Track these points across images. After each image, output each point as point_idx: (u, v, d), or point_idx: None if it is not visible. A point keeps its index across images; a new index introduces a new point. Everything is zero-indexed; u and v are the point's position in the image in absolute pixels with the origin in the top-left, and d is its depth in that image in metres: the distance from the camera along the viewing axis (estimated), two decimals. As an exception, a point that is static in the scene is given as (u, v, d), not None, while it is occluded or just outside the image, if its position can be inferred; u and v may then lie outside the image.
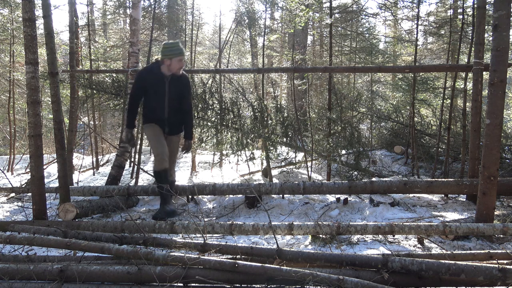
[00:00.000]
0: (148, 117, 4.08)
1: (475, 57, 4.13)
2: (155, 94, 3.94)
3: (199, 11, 15.01)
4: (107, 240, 2.94)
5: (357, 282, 2.05)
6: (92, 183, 7.14)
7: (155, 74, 3.90)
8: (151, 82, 3.91)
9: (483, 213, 3.26)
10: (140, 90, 3.95)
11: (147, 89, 3.94)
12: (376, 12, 12.63)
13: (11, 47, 10.18)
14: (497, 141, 3.18)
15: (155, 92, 3.93)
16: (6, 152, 12.65)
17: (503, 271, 2.07)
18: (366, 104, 8.71)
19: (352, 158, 6.39)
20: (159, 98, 3.97)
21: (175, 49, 3.81)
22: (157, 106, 4.00)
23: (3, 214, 4.79)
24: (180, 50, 3.83)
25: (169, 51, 3.81)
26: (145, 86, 3.92)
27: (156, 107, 4.00)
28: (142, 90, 3.95)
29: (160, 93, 3.94)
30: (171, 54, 3.80)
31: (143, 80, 3.92)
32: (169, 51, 3.81)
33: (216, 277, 2.27)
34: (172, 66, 3.85)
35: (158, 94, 3.95)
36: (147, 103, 4.05)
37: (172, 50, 3.80)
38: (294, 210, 4.49)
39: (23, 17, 3.97)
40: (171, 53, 3.80)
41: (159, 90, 3.93)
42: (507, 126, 8.13)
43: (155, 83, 3.91)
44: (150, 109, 4.04)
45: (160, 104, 3.99)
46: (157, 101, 3.98)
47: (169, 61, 3.82)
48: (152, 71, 3.92)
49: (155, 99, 3.97)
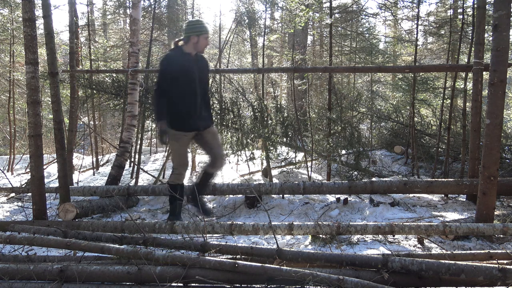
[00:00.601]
0: (178, 117, 3.59)
1: (475, 57, 4.12)
2: (186, 79, 3.57)
3: (199, 11, 15.00)
4: (107, 240, 2.94)
5: (357, 282, 2.05)
6: (92, 183, 7.14)
7: (183, 56, 3.57)
8: (182, 66, 3.55)
9: (483, 213, 3.26)
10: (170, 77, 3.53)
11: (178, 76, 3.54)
12: (376, 12, 12.62)
13: (11, 47, 10.18)
14: (497, 141, 3.18)
15: (186, 76, 3.57)
16: (6, 152, 12.65)
17: (503, 271, 2.07)
18: (366, 104, 8.71)
19: (352, 158, 6.39)
20: (190, 83, 3.59)
21: (202, 26, 3.58)
22: (189, 94, 3.60)
23: (3, 214, 4.79)
24: (206, 27, 3.63)
25: (197, 27, 3.56)
26: (176, 70, 3.52)
27: (187, 96, 3.60)
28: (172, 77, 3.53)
29: (191, 77, 3.59)
30: (198, 31, 3.55)
31: (173, 64, 3.53)
32: (197, 28, 3.56)
33: (216, 277, 2.27)
34: (200, 44, 3.59)
35: (190, 79, 3.59)
36: (176, 95, 3.56)
37: (200, 27, 3.57)
38: (294, 210, 4.49)
39: (23, 17, 3.97)
40: (199, 29, 3.55)
41: (189, 73, 3.59)
42: (507, 126, 8.13)
43: (186, 66, 3.56)
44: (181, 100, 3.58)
45: (192, 91, 3.60)
46: (189, 88, 3.59)
47: (197, 38, 3.55)
48: (178, 55, 3.58)
49: (187, 86, 3.58)
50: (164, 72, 3.56)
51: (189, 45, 3.60)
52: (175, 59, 3.57)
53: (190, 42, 3.59)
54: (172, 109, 3.58)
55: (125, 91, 6.38)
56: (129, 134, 5.76)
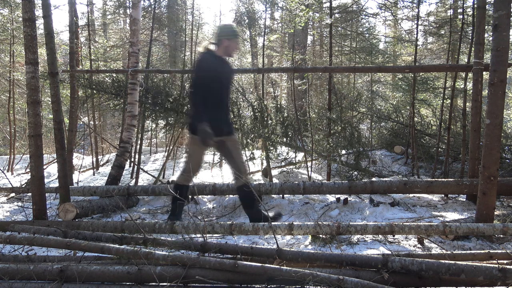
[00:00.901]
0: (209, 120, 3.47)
1: (475, 57, 4.12)
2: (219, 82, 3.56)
3: (199, 11, 15.02)
4: (107, 240, 2.94)
5: (357, 282, 2.05)
6: (92, 183, 7.14)
7: (216, 59, 3.55)
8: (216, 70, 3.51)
9: (483, 213, 3.26)
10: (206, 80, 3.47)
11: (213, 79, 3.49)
12: (376, 12, 12.62)
13: (11, 47, 10.19)
14: (497, 141, 3.18)
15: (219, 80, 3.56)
16: (6, 152, 12.65)
17: (503, 271, 2.07)
18: (366, 104, 8.71)
19: (352, 158, 6.39)
20: (221, 87, 3.60)
21: (234, 30, 3.59)
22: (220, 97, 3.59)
23: (3, 214, 4.79)
24: (238, 32, 3.65)
25: (230, 31, 3.56)
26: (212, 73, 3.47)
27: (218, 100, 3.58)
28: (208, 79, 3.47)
29: (223, 81, 3.60)
30: (231, 35, 3.55)
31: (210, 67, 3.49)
32: (230, 32, 3.56)
33: (216, 277, 2.27)
34: (231, 48, 3.59)
35: (222, 82, 3.59)
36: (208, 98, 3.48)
37: (233, 31, 3.57)
38: (294, 210, 4.49)
39: (23, 17, 3.97)
40: (232, 33, 3.56)
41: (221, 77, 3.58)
42: (507, 126, 8.12)
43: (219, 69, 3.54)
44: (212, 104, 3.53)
45: (223, 95, 3.61)
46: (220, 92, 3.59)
47: (228, 42, 3.55)
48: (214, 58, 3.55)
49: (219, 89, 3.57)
50: (201, 74, 3.51)
51: (220, 48, 3.59)
52: (211, 62, 3.54)
53: (221, 46, 3.58)
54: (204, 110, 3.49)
55: (125, 91, 6.38)
56: (129, 134, 5.76)
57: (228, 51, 3.62)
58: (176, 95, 6.57)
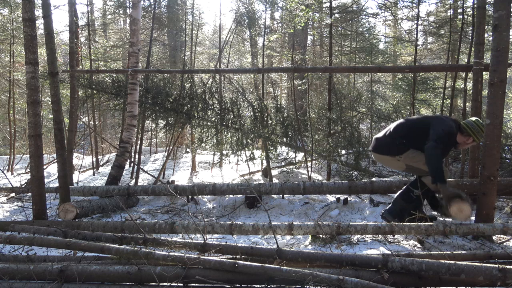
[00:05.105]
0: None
1: (475, 57, 4.12)
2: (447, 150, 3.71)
3: (199, 11, 15.00)
4: (107, 240, 2.94)
5: (357, 282, 2.05)
6: (92, 183, 7.14)
7: (454, 137, 3.57)
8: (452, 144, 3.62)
9: (483, 213, 3.26)
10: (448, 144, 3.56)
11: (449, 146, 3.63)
12: (376, 12, 12.63)
13: (11, 47, 10.19)
14: (497, 141, 3.18)
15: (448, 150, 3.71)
16: (6, 152, 12.65)
17: (503, 271, 2.07)
18: (366, 104, 8.70)
19: (352, 158, 6.39)
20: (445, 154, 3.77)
21: (480, 132, 3.46)
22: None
23: (3, 214, 4.79)
24: (482, 135, 3.50)
25: (476, 130, 3.42)
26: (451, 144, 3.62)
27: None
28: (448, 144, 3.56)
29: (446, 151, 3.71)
30: (474, 132, 3.44)
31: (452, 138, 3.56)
32: (476, 131, 3.43)
33: (216, 277, 2.27)
34: (466, 145, 3.58)
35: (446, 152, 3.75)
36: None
37: (478, 131, 3.44)
38: (294, 210, 4.49)
39: (23, 17, 3.97)
40: (480, 134, 3.45)
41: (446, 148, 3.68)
42: (507, 126, 8.11)
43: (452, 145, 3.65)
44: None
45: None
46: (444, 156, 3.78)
47: (470, 139, 3.49)
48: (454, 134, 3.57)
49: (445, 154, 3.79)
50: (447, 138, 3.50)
51: (461, 137, 3.52)
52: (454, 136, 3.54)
53: (462, 135, 3.51)
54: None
55: (125, 91, 6.38)
56: (129, 134, 5.76)
57: (462, 143, 3.57)
58: (176, 95, 6.56)
